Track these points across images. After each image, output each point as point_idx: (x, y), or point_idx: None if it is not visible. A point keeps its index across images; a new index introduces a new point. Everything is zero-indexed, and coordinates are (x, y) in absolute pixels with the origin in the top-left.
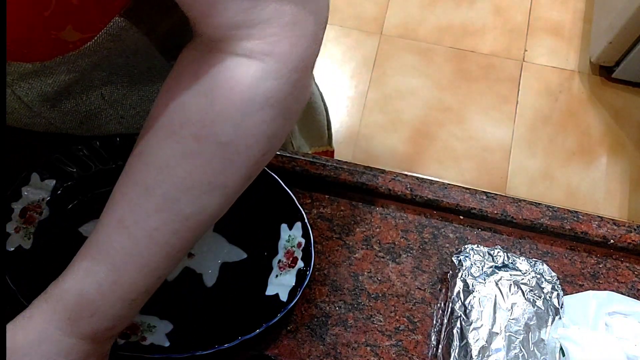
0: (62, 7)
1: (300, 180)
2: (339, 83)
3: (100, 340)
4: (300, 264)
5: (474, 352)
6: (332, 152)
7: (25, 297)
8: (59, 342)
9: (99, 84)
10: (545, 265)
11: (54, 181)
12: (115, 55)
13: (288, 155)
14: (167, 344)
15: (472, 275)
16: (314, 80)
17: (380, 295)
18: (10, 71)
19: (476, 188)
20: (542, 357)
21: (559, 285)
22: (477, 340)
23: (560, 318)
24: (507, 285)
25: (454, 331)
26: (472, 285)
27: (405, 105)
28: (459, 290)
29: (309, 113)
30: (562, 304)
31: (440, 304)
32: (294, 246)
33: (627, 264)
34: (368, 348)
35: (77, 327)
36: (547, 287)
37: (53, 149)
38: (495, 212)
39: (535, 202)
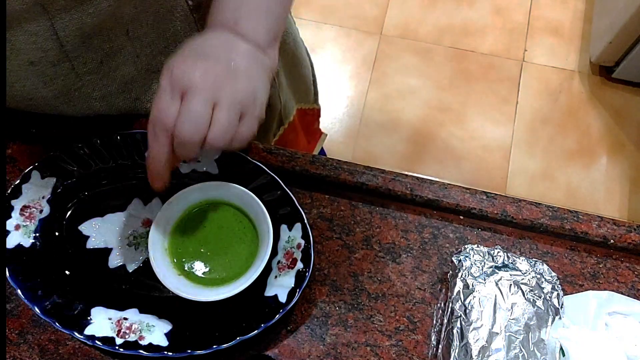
0: None
1: (300, 180)
2: (339, 83)
3: (262, 46)
4: (299, 265)
5: (474, 352)
6: (319, 110)
7: (25, 294)
8: (223, 36)
9: (128, 19)
10: (545, 265)
11: (55, 179)
12: None
13: (288, 154)
14: (165, 343)
15: (472, 275)
16: (299, 34)
17: (380, 295)
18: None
19: (476, 188)
20: (542, 357)
21: (559, 285)
22: (477, 340)
23: (560, 318)
24: (507, 285)
25: (454, 331)
26: (472, 285)
27: (405, 105)
28: (459, 290)
29: (294, 65)
30: (562, 304)
31: (440, 304)
32: (293, 247)
33: (627, 264)
34: (368, 348)
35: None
36: (547, 287)
37: (54, 147)
38: (495, 212)
39: (535, 202)
